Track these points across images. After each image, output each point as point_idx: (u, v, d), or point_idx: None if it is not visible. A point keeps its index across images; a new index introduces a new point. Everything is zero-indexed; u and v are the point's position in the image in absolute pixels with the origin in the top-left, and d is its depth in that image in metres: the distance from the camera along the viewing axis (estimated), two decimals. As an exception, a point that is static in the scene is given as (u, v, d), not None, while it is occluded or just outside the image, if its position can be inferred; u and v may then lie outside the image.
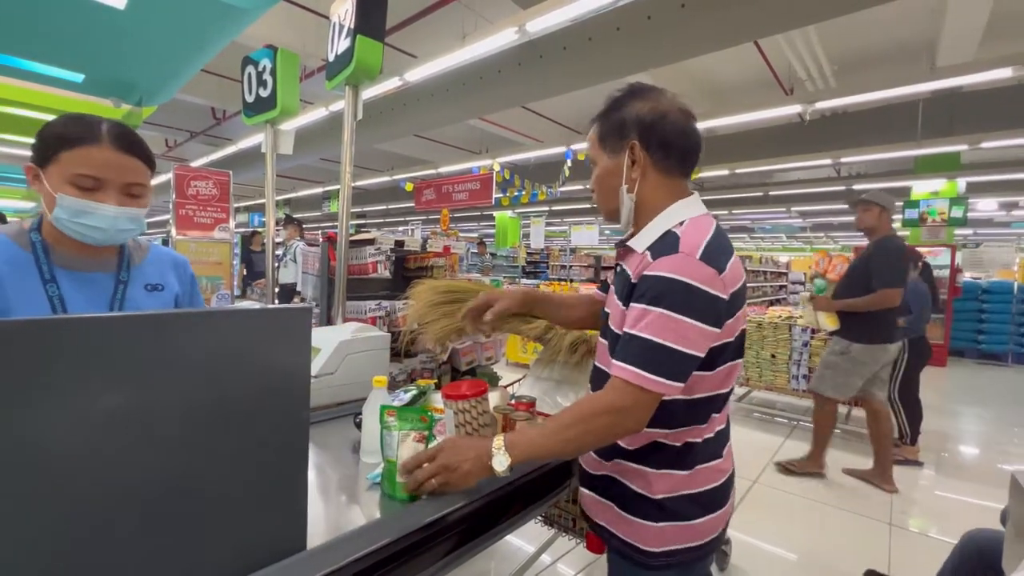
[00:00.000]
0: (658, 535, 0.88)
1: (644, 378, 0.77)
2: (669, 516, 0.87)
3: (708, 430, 0.90)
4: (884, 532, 2.44)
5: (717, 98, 6.35)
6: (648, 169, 0.88)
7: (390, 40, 4.88)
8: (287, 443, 0.67)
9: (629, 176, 0.89)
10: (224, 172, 3.75)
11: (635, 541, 0.89)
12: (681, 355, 0.77)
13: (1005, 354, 7.13)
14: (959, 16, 3.91)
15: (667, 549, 0.88)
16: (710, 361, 0.83)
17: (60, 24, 2.46)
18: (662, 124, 0.87)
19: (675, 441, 0.88)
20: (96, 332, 0.53)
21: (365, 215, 15.74)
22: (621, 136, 0.89)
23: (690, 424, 0.88)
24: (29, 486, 0.49)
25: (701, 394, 0.87)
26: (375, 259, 1.91)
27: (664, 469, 0.88)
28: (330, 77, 1.95)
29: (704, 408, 0.88)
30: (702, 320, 0.77)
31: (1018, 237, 15.66)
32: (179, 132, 8.27)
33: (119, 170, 0.90)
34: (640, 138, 0.87)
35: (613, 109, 0.91)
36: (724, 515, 0.93)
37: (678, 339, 0.77)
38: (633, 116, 0.88)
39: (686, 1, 3.35)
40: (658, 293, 0.78)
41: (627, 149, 0.88)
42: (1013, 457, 3.57)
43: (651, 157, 0.88)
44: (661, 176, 0.89)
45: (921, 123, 5.54)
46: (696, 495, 0.88)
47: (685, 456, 0.88)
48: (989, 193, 8.55)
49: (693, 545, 0.89)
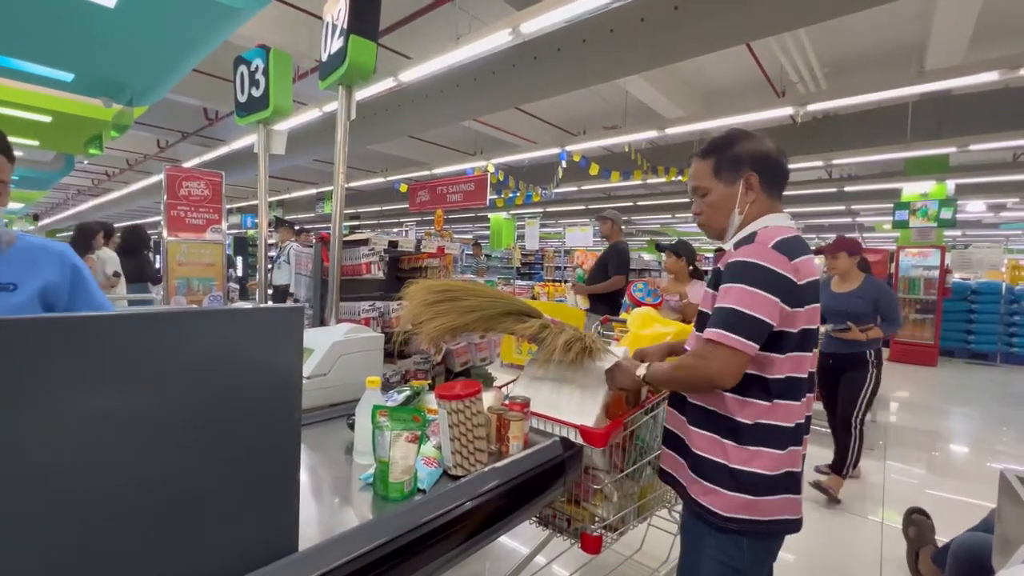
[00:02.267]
0: (730, 503, 1.01)
1: (725, 336, 0.95)
2: (741, 488, 1.00)
3: (783, 416, 1.01)
4: (876, 530, 2.46)
5: (710, 100, 6.39)
6: (760, 195, 1.09)
7: (384, 41, 4.87)
8: (279, 444, 0.67)
9: (742, 201, 1.09)
10: (216, 173, 3.73)
11: (710, 504, 1.04)
12: (754, 319, 0.95)
13: (994, 354, 7.22)
14: (946, 20, 3.96)
15: (736, 516, 1.01)
16: (779, 344, 0.99)
17: (50, 23, 2.43)
18: (772, 160, 1.09)
19: (747, 419, 1.01)
20: (82, 331, 0.52)
21: (359, 216, 15.68)
22: (737, 169, 1.09)
23: (759, 398, 1.01)
24: (14, 489, 0.48)
25: (773, 375, 1.01)
26: (369, 260, 1.90)
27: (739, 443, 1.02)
28: (323, 77, 1.95)
29: (777, 389, 1.01)
30: (773, 293, 0.95)
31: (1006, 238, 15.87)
32: (171, 132, 8.21)
33: None
34: (756, 171, 1.08)
35: (727, 147, 1.12)
36: (795, 500, 1.04)
37: (753, 306, 0.95)
38: (747, 153, 1.09)
39: (679, 4, 3.37)
40: (738, 272, 0.98)
41: (743, 179, 1.08)
42: (1002, 456, 3.62)
43: (763, 186, 1.09)
44: (768, 201, 1.10)
45: (910, 125, 5.60)
46: (764, 475, 1.00)
47: (756, 434, 1.01)
48: (977, 195, 8.66)
49: (761, 519, 1.01)
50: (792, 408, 1.02)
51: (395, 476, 0.88)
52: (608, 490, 1.33)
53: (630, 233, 19.85)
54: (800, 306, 0.99)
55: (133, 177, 11.12)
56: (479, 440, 1.01)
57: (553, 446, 1.17)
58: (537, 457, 1.11)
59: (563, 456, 1.16)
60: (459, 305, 1.36)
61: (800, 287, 0.98)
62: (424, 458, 0.99)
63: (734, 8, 3.21)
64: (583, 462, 1.23)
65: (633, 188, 10.46)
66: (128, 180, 11.54)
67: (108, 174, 11.90)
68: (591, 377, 1.37)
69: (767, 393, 1.01)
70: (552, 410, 1.32)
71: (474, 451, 1.00)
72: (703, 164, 1.14)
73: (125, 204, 13.90)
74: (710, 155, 1.14)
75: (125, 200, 12.98)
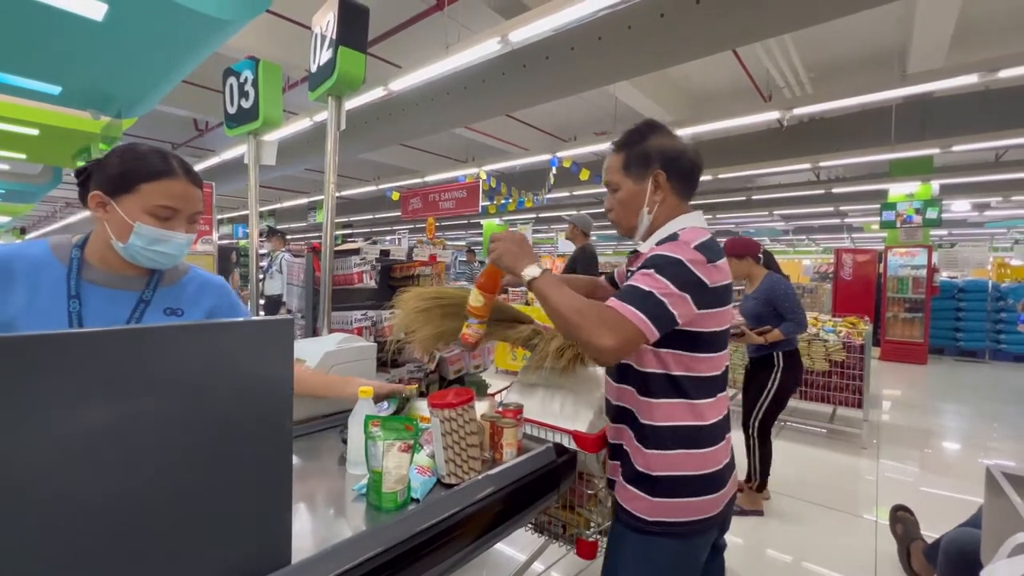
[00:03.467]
0: (651, 506, 1.01)
1: (626, 308, 0.92)
2: (661, 491, 1.00)
3: (697, 415, 1.01)
4: (870, 528, 2.48)
5: (698, 105, 6.47)
6: (668, 195, 1.06)
7: (374, 50, 4.89)
8: (270, 456, 0.67)
9: (651, 199, 1.06)
10: (207, 184, 3.72)
11: (633, 509, 1.03)
12: (660, 303, 0.92)
13: (982, 351, 7.31)
14: (926, 25, 4.05)
15: (657, 519, 1.00)
16: (689, 343, 0.99)
17: (37, 36, 2.42)
18: (683, 158, 1.06)
19: (662, 420, 1.01)
20: (74, 347, 0.52)
21: (351, 225, 15.65)
22: (646, 166, 1.06)
23: (671, 398, 1.01)
24: (2, 503, 0.48)
25: (683, 372, 1.01)
26: (360, 269, 1.90)
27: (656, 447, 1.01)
28: (313, 88, 1.95)
29: (688, 387, 1.01)
30: (683, 290, 0.93)
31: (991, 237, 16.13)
32: (161, 144, 8.17)
33: (189, 201, 0.98)
34: (664, 169, 1.05)
35: (638, 141, 1.08)
36: (718, 498, 1.03)
37: (664, 294, 0.92)
38: (657, 149, 1.05)
39: (665, 11, 3.42)
40: (655, 263, 0.95)
41: (651, 177, 1.05)
42: (992, 452, 3.66)
43: (672, 185, 1.06)
44: (677, 200, 1.08)
45: (895, 128, 5.70)
46: (684, 476, 1.00)
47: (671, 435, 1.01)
48: (962, 195, 8.81)
49: (682, 520, 1.00)
50: (710, 406, 1.03)
51: (388, 486, 0.88)
52: (603, 495, 1.34)
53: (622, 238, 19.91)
54: (709, 308, 0.98)
55: (122, 189, 11.02)
56: (472, 448, 1.01)
57: (547, 452, 1.17)
58: (531, 464, 1.11)
59: (557, 462, 1.16)
60: (450, 312, 1.37)
61: (711, 290, 0.96)
62: (417, 467, 0.99)
63: (719, 15, 3.26)
64: (577, 468, 1.24)
65: (624, 193, 10.50)
66: (117, 192, 11.43)
67: (97, 186, 11.77)
68: (584, 383, 1.37)
69: (679, 392, 1.01)
70: (545, 416, 1.33)
71: (468, 459, 1.00)
72: (615, 158, 1.10)
73: (114, 216, 13.75)
74: (621, 149, 1.09)
75: (114, 212, 12.85)
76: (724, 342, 1.06)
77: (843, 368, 3.69)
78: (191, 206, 0.99)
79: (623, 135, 1.11)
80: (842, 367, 3.70)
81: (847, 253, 7.86)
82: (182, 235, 0.98)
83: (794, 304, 2.56)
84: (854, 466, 3.30)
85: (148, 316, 1.00)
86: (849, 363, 3.67)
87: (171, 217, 0.96)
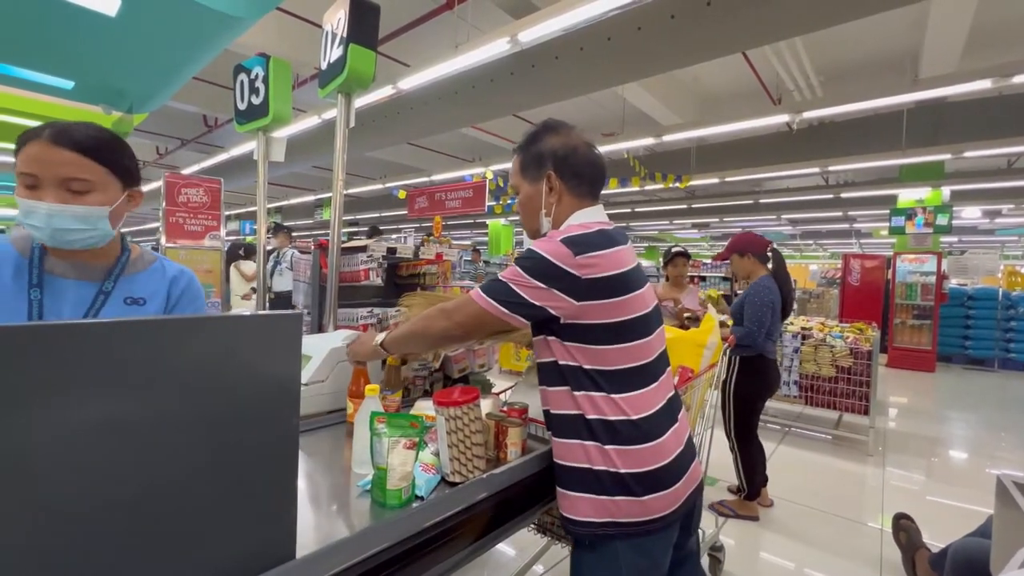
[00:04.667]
0: (599, 507, 0.97)
1: (479, 296, 0.98)
2: (604, 490, 0.97)
3: (627, 409, 0.97)
4: (875, 537, 2.46)
5: (707, 107, 6.44)
6: (563, 195, 1.06)
7: (383, 48, 4.91)
8: (277, 451, 0.67)
9: (547, 201, 1.06)
10: (215, 179, 3.74)
11: (568, 512, 1.00)
12: (513, 291, 0.95)
13: (992, 359, 7.23)
14: (939, 29, 4.01)
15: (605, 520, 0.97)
16: (591, 336, 0.97)
17: (50, 31, 2.45)
18: (574, 156, 1.05)
19: (593, 415, 0.98)
20: (82, 339, 0.52)
21: (358, 223, 15.71)
22: (539, 167, 1.06)
23: (594, 391, 0.98)
24: (7, 497, 0.48)
25: (598, 366, 0.98)
26: (367, 266, 1.90)
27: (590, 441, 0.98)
28: (323, 85, 1.96)
29: (608, 381, 0.98)
30: (545, 282, 0.94)
31: (1002, 244, 15.95)
32: (170, 139, 8.23)
33: (51, 165, 0.86)
34: (555, 169, 1.05)
35: (531, 143, 1.08)
36: (668, 496, 0.99)
37: (517, 283, 0.95)
38: (548, 150, 1.06)
39: (676, 13, 3.40)
40: (519, 259, 0.99)
41: (544, 179, 1.06)
42: (1001, 461, 3.61)
43: (565, 185, 1.05)
44: (574, 199, 1.06)
45: (905, 132, 5.65)
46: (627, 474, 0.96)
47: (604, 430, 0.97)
48: (973, 201, 8.72)
49: (633, 520, 0.97)
50: (637, 398, 0.98)
51: (393, 483, 0.88)
52: (606, 497, 1.33)
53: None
54: (596, 299, 0.95)
55: (132, 184, 11.11)
56: (477, 447, 1.01)
57: (551, 453, 1.16)
58: (535, 464, 1.11)
59: (561, 462, 1.16)
60: None
61: (589, 281, 0.94)
62: (422, 464, 0.99)
63: (730, 17, 3.24)
64: (581, 468, 1.23)
65: (631, 194, 10.50)
66: (127, 187, 11.53)
67: (107, 181, 11.88)
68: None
69: (601, 388, 0.97)
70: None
71: (472, 458, 1.00)
72: (514, 160, 1.12)
73: (123, 210, 13.88)
74: (518, 152, 1.11)
75: (124, 206, 12.96)
76: (643, 328, 1.01)
77: (850, 374, 3.66)
78: (53, 170, 0.86)
79: (522, 137, 1.11)
80: (849, 373, 3.67)
81: (855, 258, 7.80)
82: (44, 204, 0.86)
83: (757, 314, 2.47)
84: (859, 473, 3.27)
85: (108, 306, 0.97)
86: (856, 369, 3.64)
87: (35, 185, 0.86)
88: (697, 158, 7.41)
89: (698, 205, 10.73)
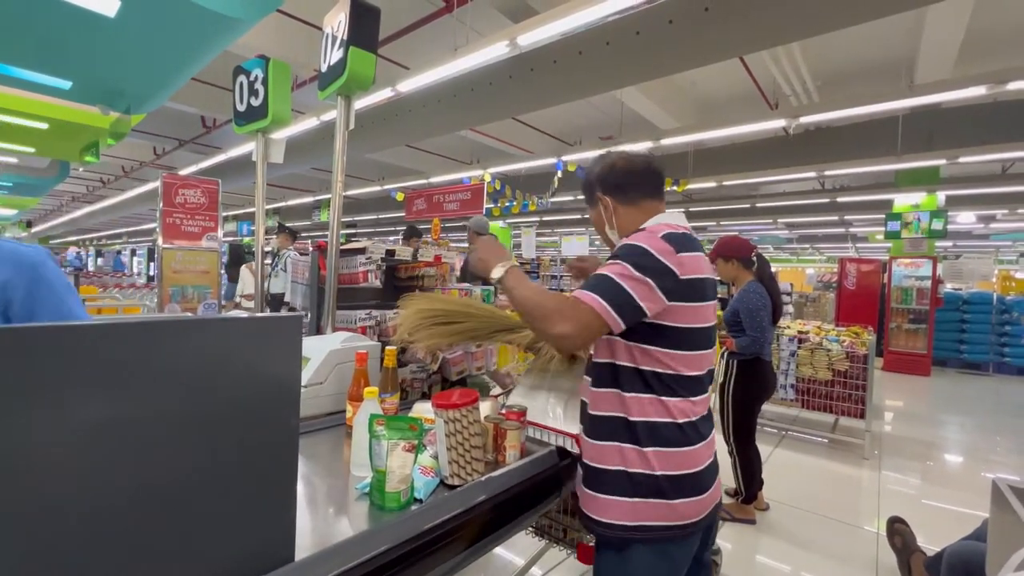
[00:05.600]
0: (630, 511, 0.99)
1: (591, 297, 0.95)
2: (637, 492, 0.99)
3: (674, 414, 1.00)
4: (871, 540, 2.46)
5: (704, 112, 6.47)
6: (616, 207, 1.15)
7: (383, 51, 4.92)
8: (276, 453, 0.67)
9: (607, 216, 1.17)
10: (213, 180, 3.73)
11: (595, 514, 1.02)
12: (626, 292, 0.94)
13: (987, 364, 7.26)
14: (934, 36, 4.05)
15: (632, 524, 0.98)
16: (662, 338, 0.99)
17: (48, 31, 2.44)
18: (612, 172, 1.16)
19: (637, 416, 1.00)
20: (79, 339, 0.52)
21: (356, 224, 15.68)
22: (592, 193, 1.20)
23: (646, 393, 1.00)
24: (5, 497, 0.48)
25: (656, 369, 1.00)
26: (366, 268, 1.90)
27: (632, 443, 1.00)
28: (322, 87, 1.96)
29: (663, 385, 1.00)
30: (652, 278, 0.95)
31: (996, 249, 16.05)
32: (168, 140, 8.21)
33: None
34: (602, 189, 1.16)
35: (585, 180, 1.23)
36: (697, 503, 1.00)
37: (628, 283, 0.95)
38: (593, 177, 1.19)
39: (674, 17, 3.42)
40: (622, 253, 0.99)
41: (598, 201, 1.17)
42: (995, 465, 3.63)
43: (613, 197, 1.15)
44: (630, 208, 1.14)
45: (901, 138, 5.68)
46: (661, 476, 0.98)
47: (647, 432, 0.99)
48: (968, 206, 8.78)
49: (659, 524, 0.98)
50: (688, 405, 1.01)
51: (392, 486, 0.88)
52: (604, 500, 1.33)
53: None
54: (681, 301, 0.97)
55: (128, 184, 11.09)
56: (476, 449, 1.01)
57: (549, 455, 1.17)
58: (533, 467, 1.11)
59: (559, 466, 1.16)
60: (452, 328, 1.38)
61: (683, 281, 0.96)
62: (421, 467, 0.99)
63: (728, 23, 3.26)
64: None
65: (629, 198, 10.50)
66: (124, 187, 11.51)
67: (103, 181, 11.86)
68: (587, 386, 1.37)
69: (656, 390, 1.00)
70: (548, 419, 1.32)
71: (471, 460, 1.00)
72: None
73: (120, 211, 13.84)
74: (582, 191, 1.26)
75: (120, 207, 12.93)
76: (704, 341, 1.04)
77: (846, 378, 3.68)
78: None
79: None
80: (845, 377, 3.68)
81: (851, 262, 7.84)
82: None
83: (755, 321, 2.49)
84: (855, 477, 3.28)
85: None
86: (852, 373, 3.65)
87: None
88: (694, 162, 7.44)
89: (695, 209, 10.77)
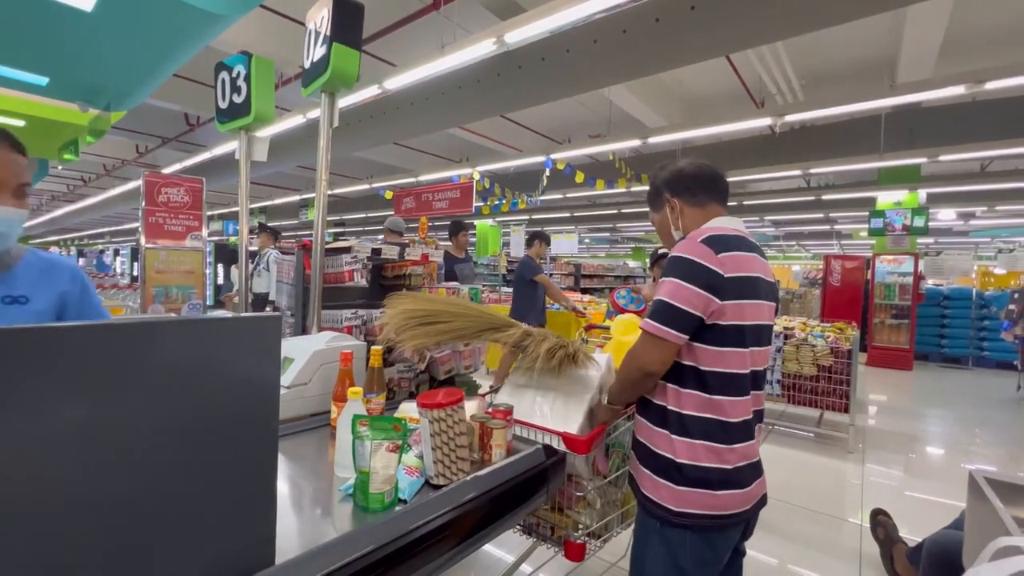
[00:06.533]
0: (679, 496, 1.06)
1: (653, 326, 1.06)
2: (687, 481, 1.05)
3: (725, 411, 1.05)
4: (855, 532, 2.50)
5: (691, 110, 6.52)
6: (683, 208, 1.22)
7: (369, 48, 4.87)
8: (255, 455, 0.66)
9: (672, 218, 1.24)
10: (197, 179, 3.66)
11: (658, 498, 1.09)
12: (681, 311, 1.03)
13: (966, 358, 7.43)
14: (915, 36, 4.12)
15: (683, 511, 1.05)
16: (711, 337, 1.05)
17: (23, 25, 2.38)
18: (680, 176, 1.23)
19: (689, 411, 1.07)
20: (52, 342, 0.51)
21: (344, 223, 15.54)
22: (659, 196, 1.27)
23: (698, 391, 1.06)
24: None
25: (708, 367, 1.05)
26: (351, 267, 1.88)
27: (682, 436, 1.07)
28: (306, 84, 1.94)
29: (715, 383, 1.05)
30: (696, 284, 1.03)
31: (976, 246, 16.42)
32: (150, 138, 8.06)
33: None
34: (669, 191, 1.24)
35: (650, 188, 1.31)
36: (740, 496, 1.07)
37: (679, 298, 1.04)
38: (661, 182, 1.27)
39: (660, 16, 3.44)
40: (668, 268, 1.09)
41: (665, 203, 1.25)
42: (975, 457, 3.71)
43: (681, 199, 1.22)
44: (696, 210, 1.21)
45: (883, 136, 5.78)
46: (710, 469, 1.05)
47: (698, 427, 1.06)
48: (948, 204, 8.96)
49: (708, 513, 1.05)
50: (734, 403, 1.06)
51: (376, 486, 0.87)
52: (591, 497, 1.34)
53: (615, 240, 20.03)
54: (729, 299, 1.04)
55: (110, 183, 10.87)
56: (461, 449, 1.00)
57: (536, 454, 1.17)
58: (520, 465, 1.11)
59: (546, 463, 1.16)
60: (438, 328, 1.37)
61: (728, 279, 1.03)
62: (405, 467, 0.98)
63: (714, 22, 3.28)
64: (566, 469, 1.24)
65: (618, 196, 10.57)
66: (105, 186, 11.28)
67: (84, 180, 11.62)
68: (574, 384, 1.37)
69: (705, 387, 1.06)
70: (535, 417, 1.32)
71: (456, 460, 1.00)
72: (649, 211, 1.36)
73: (101, 210, 13.57)
74: (647, 197, 1.35)
75: (102, 206, 12.68)
76: (753, 338, 1.08)
77: (830, 373, 3.73)
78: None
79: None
80: (829, 372, 3.73)
81: (836, 259, 7.96)
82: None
83: None
84: (840, 470, 3.33)
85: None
86: (836, 368, 3.70)
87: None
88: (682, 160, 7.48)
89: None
